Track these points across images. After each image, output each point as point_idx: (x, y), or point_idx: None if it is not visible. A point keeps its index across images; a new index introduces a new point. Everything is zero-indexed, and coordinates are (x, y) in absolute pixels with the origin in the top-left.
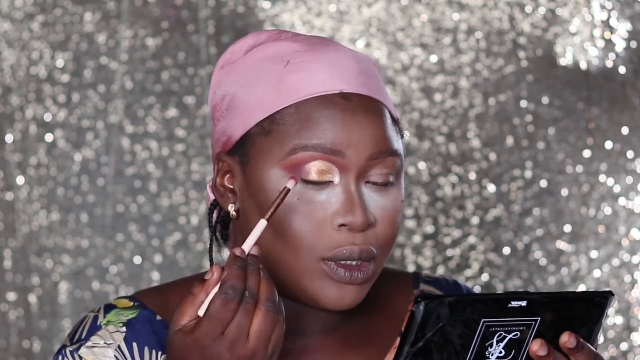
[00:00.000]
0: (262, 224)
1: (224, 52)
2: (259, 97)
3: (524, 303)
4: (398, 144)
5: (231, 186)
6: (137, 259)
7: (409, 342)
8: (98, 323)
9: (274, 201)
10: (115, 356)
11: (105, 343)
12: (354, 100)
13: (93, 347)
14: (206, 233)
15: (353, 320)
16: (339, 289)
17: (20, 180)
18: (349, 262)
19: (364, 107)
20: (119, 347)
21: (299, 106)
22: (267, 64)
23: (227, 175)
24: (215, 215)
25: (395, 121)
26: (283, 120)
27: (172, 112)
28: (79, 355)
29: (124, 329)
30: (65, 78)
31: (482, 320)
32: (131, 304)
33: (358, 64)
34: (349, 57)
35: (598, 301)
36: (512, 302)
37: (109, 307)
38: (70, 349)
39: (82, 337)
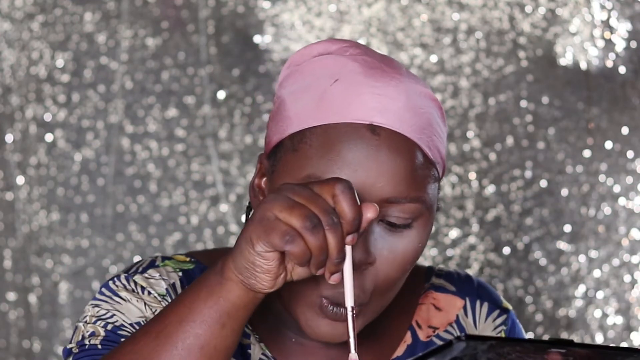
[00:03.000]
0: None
1: (296, 52)
2: (299, 108)
3: (563, 350)
4: (423, 190)
5: (265, 188)
6: (137, 259)
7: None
8: (156, 263)
9: None
10: (167, 289)
11: (160, 277)
12: (382, 135)
13: (148, 278)
14: (206, 233)
15: None
16: (327, 325)
17: (20, 180)
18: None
19: (391, 145)
20: (173, 284)
21: (327, 129)
22: (319, 77)
23: (265, 178)
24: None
25: (432, 164)
26: (310, 141)
27: (172, 112)
28: (133, 280)
29: (180, 273)
30: (65, 78)
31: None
32: (188, 259)
33: (408, 98)
34: (398, 90)
35: (637, 357)
36: (552, 349)
37: (166, 258)
38: (125, 275)
39: (139, 271)
